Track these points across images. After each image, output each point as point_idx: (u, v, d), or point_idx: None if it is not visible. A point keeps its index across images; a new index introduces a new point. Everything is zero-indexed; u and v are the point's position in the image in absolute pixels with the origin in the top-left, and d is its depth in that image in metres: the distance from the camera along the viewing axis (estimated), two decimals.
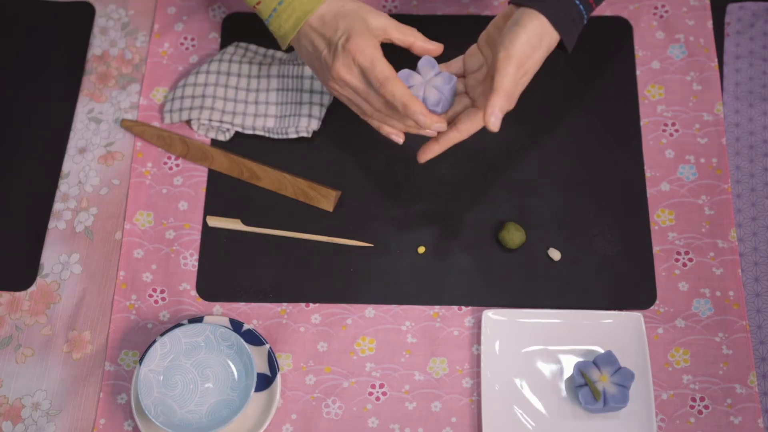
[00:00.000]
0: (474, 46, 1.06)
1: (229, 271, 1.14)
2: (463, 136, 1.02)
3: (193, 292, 1.14)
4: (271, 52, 1.24)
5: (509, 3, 1.02)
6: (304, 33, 1.02)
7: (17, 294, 1.14)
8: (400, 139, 1.04)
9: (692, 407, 1.07)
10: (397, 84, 0.97)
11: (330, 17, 1.00)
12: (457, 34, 1.26)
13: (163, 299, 1.14)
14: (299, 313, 1.12)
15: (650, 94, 1.22)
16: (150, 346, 1.06)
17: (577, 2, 1.00)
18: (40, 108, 1.24)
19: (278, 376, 1.07)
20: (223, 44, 1.26)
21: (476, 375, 1.09)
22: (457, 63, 1.07)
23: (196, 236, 1.16)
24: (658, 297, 1.12)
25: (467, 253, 1.14)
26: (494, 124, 0.96)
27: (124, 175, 1.20)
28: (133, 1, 1.30)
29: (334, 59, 0.99)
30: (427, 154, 1.04)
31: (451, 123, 1.03)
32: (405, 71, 1.02)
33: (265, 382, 1.07)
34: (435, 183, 1.18)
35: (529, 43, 0.98)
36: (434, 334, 1.11)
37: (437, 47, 1.03)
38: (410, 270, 1.14)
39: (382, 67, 0.97)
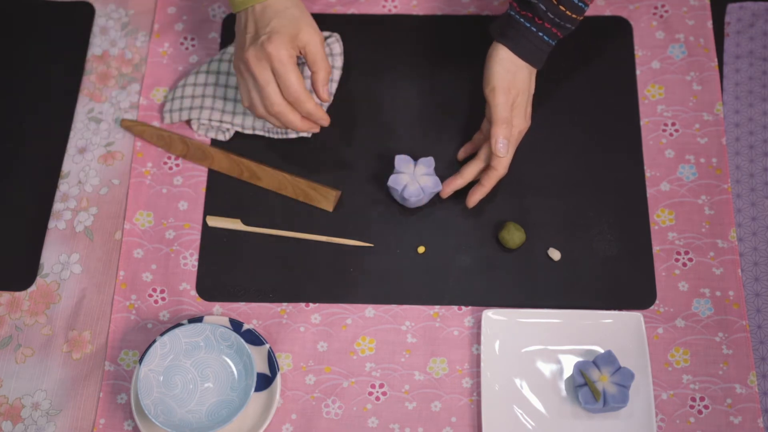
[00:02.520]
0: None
1: (229, 271, 1.14)
2: (500, 171, 1.12)
3: (193, 292, 1.14)
4: None
5: (488, 32, 1.12)
6: (247, 12, 1.09)
7: (17, 294, 1.14)
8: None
9: (692, 407, 1.07)
10: (303, 85, 1.07)
11: (270, 12, 1.08)
12: (457, 34, 1.26)
13: (163, 299, 1.14)
14: (299, 313, 1.12)
15: (650, 94, 1.22)
16: (150, 346, 1.06)
17: (541, 34, 1.09)
18: (40, 108, 1.24)
19: (278, 376, 1.07)
20: (223, 44, 1.26)
21: (476, 375, 1.09)
22: (486, 123, 1.16)
23: (196, 236, 1.16)
24: (658, 297, 1.12)
25: (467, 253, 1.14)
26: (500, 151, 1.09)
27: (124, 175, 1.20)
28: (133, 1, 1.30)
29: (250, 46, 1.07)
30: (476, 196, 1.14)
31: (487, 165, 1.13)
32: (393, 176, 1.13)
33: (265, 382, 1.07)
34: None
35: (506, 71, 1.09)
36: (434, 334, 1.11)
37: (323, 96, 1.10)
38: (410, 270, 1.14)
39: (292, 75, 1.06)
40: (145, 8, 1.29)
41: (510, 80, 1.09)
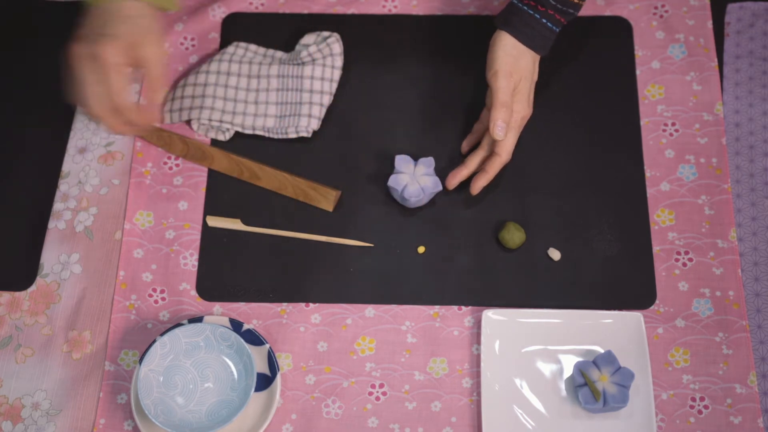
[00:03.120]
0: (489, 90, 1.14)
1: (229, 271, 1.14)
2: (504, 157, 1.12)
3: (193, 292, 1.14)
4: (271, 52, 1.24)
5: (493, 22, 1.13)
6: (99, 8, 1.05)
7: (17, 294, 1.14)
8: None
9: (692, 407, 1.07)
10: (124, 95, 1.04)
11: (118, 15, 1.03)
12: (457, 34, 1.26)
13: (163, 299, 1.14)
14: (299, 313, 1.12)
15: (650, 94, 1.22)
16: (150, 346, 1.06)
17: (545, 21, 1.09)
18: (40, 108, 1.24)
19: (278, 376, 1.07)
20: (223, 44, 1.26)
21: (476, 375, 1.09)
22: (485, 112, 1.17)
23: (196, 236, 1.16)
24: (658, 297, 1.12)
25: (467, 253, 1.14)
26: (498, 134, 1.09)
27: (124, 175, 1.20)
28: None
29: (82, 41, 1.03)
30: (480, 183, 1.14)
31: (490, 153, 1.14)
32: (393, 176, 1.13)
33: (265, 382, 1.07)
34: None
35: (508, 56, 1.09)
36: (434, 334, 1.11)
37: (155, 117, 1.08)
38: (410, 270, 1.14)
39: (114, 83, 1.03)
40: None
41: (512, 64, 1.09)
